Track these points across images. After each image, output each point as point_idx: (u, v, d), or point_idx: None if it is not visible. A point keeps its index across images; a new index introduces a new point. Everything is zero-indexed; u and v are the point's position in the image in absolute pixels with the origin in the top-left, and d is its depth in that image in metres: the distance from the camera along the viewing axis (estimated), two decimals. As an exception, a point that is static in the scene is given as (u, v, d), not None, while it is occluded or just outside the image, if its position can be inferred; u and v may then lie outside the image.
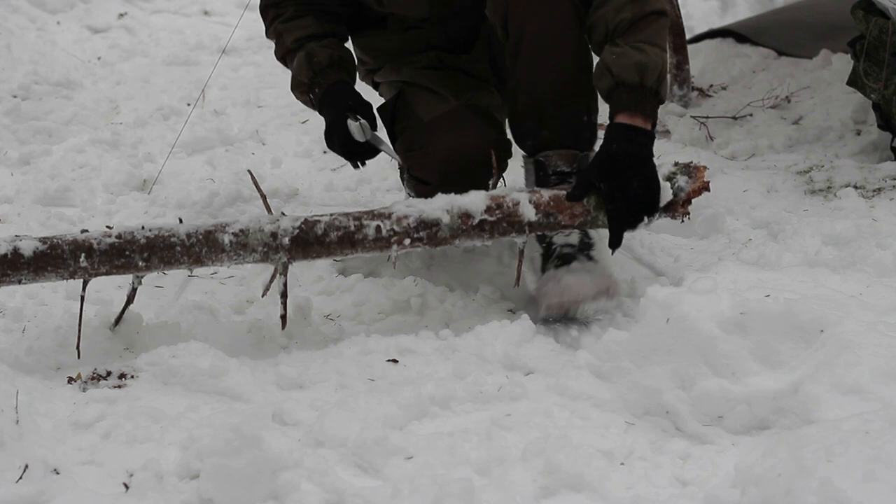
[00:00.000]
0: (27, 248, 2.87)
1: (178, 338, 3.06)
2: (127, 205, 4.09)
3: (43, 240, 2.90)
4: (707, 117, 4.56)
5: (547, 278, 3.15)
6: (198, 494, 2.39)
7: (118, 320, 3.06)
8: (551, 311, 3.09)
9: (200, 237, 2.95)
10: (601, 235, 3.26)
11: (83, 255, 2.90)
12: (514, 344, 2.99)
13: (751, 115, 4.57)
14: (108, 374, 2.92)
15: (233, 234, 2.96)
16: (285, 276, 3.00)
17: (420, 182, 3.41)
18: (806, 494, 2.19)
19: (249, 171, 3.25)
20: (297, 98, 3.55)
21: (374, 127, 3.35)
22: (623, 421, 2.71)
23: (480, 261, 3.44)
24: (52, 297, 3.31)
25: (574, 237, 3.18)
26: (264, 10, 3.58)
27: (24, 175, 4.35)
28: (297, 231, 2.98)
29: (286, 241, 2.97)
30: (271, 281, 3.02)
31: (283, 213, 3.05)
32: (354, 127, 3.31)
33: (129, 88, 5.32)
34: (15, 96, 5.02)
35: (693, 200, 3.11)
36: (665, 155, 4.21)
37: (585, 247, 3.18)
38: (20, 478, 2.41)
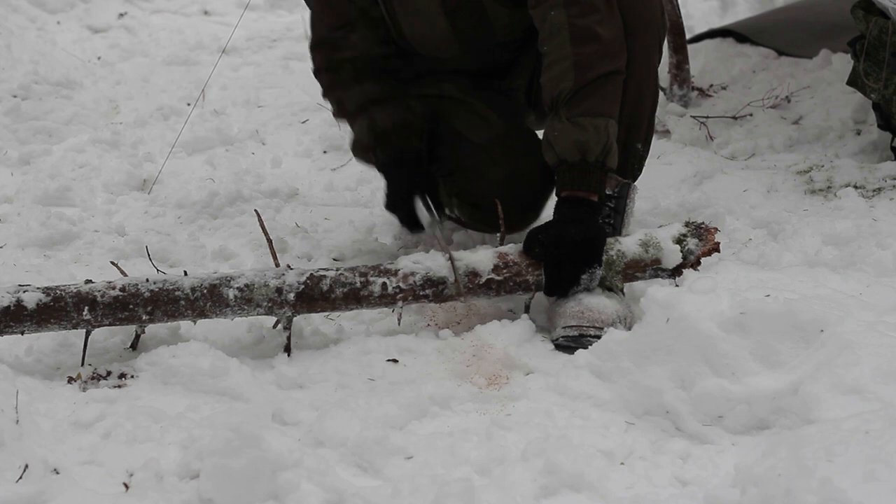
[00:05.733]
0: (30, 300, 2.87)
1: (178, 338, 3.06)
2: (127, 204, 4.09)
3: (46, 291, 2.90)
4: (707, 117, 4.56)
5: (566, 298, 3.10)
6: (198, 494, 2.39)
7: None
8: (568, 330, 3.04)
9: (205, 291, 2.94)
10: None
11: (86, 308, 2.90)
12: (514, 344, 2.99)
13: (751, 115, 4.57)
14: (108, 373, 2.92)
15: (238, 288, 2.96)
16: (289, 329, 3.00)
17: (474, 207, 3.40)
18: (806, 494, 2.19)
19: (256, 211, 3.24)
20: (356, 156, 3.51)
21: (439, 209, 3.35)
22: (623, 421, 2.71)
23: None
24: (52, 296, 3.31)
25: None
26: (318, 74, 3.50)
27: (24, 175, 4.35)
28: (303, 287, 2.98)
29: (291, 296, 2.97)
30: (277, 323, 3.02)
31: (288, 266, 3.04)
32: (424, 216, 3.29)
33: (129, 88, 5.33)
34: (15, 96, 5.02)
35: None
36: (665, 154, 4.21)
37: (606, 278, 3.20)
38: (20, 478, 2.41)
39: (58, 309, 2.88)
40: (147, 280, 2.94)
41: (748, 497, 2.30)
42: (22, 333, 2.90)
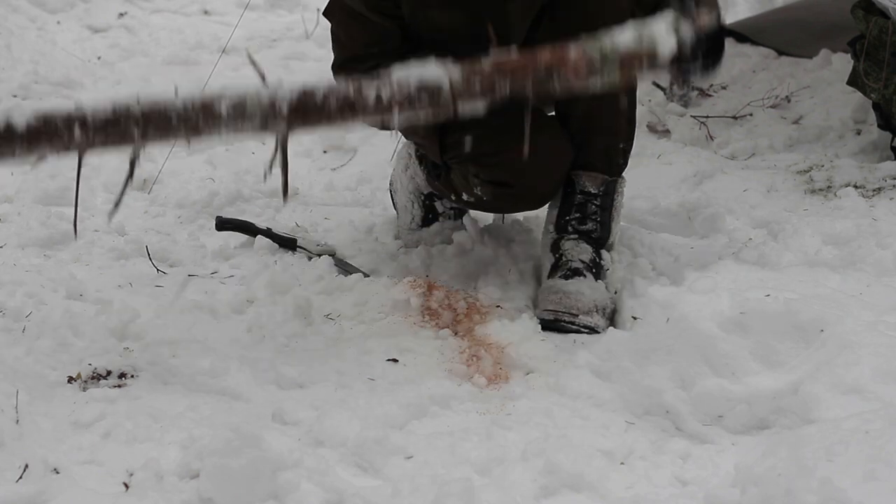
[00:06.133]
0: (20, 121, 2.78)
1: (177, 337, 3.06)
2: (127, 204, 4.08)
3: (36, 112, 2.81)
4: (707, 117, 4.56)
5: (548, 285, 3.22)
6: (198, 494, 2.39)
7: (117, 204, 2.96)
8: (544, 315, 3.15)
9: (197, 107, 2.81)
10: (615, 260, 3.28)
11: (77, 126, 2.79)
12: (514, 344, 2.99)
13: (751, 114, 4.57)
14: (108, 373, 2.92)
15: (230, 103, 2.82)
16: (285, 146, 2.89)
17: (502, 186, 3.36)
18: (806, 494, 2.19)
19: (247, 51, 3.08)
20: None
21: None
22: (623, 421, 2.71)
23: (480, 261, 3.45)
24: (52, 296, 3.31)
25: (587, 255, 3.23)
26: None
27: (24, 175, 4.34)
28: (296, 99, 2.84)
29: (284, 108, 2.84)
30: (274, 154, 2.94)
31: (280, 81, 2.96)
32: None
33: (129, 88, 5.31)
34: (15, 96, 5.02)
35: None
36: (665, 154, 4.21)
37: (595, 266, 3.23)
38: (20, 477, 2.41)
39: (48, 129, 2.79)
40: (138, 101, 2.83)
41: (748, 497, 2.30)
42: (13, 154, 2.80)
